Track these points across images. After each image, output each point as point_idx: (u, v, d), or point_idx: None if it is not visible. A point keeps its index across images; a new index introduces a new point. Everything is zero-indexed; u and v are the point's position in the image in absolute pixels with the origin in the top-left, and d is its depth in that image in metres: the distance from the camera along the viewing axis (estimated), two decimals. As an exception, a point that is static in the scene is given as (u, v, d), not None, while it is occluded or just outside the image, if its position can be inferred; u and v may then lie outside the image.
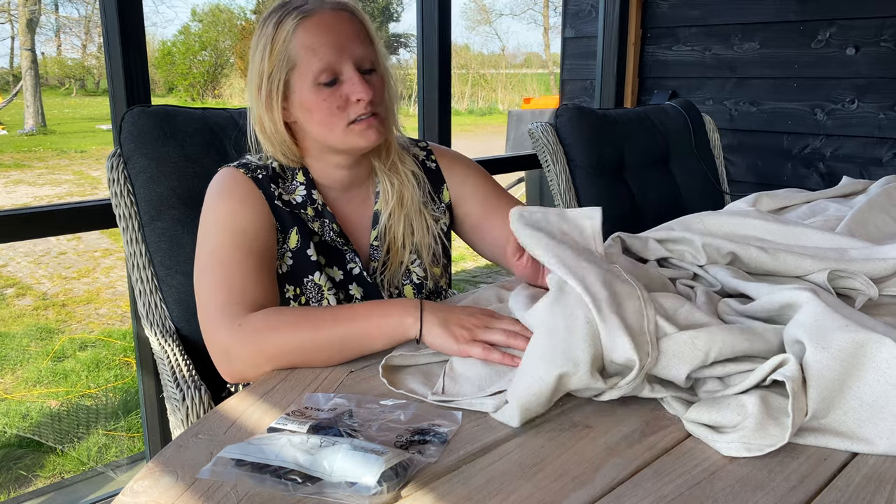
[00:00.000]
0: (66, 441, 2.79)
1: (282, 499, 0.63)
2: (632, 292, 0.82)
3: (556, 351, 0.75)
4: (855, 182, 1.75)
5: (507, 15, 36.21)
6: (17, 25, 16.55)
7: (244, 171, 1.13)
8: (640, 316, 0.80)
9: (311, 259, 1.13)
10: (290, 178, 1.16)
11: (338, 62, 1.07)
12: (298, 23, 1.07)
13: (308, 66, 1.07)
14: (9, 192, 8.46)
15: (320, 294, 1.13)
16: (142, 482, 0.67)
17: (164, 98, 19.13)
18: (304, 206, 1.15)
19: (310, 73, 1.07)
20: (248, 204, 1.09)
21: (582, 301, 0.79)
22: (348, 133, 1.10)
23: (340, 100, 1.08)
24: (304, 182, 1.16)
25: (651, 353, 0.77)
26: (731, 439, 0.71)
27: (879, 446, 0.71)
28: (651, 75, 3.13)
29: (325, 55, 1.07)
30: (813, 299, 0.84)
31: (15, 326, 4.23)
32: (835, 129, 2.70)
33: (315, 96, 1.08)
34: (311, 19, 1.07)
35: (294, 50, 1.07)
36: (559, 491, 0.65)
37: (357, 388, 0.86)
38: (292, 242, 1.12)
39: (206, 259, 1.05)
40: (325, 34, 1.07)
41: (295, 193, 1.15)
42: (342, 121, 1.09)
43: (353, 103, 1.08)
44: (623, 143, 2.14)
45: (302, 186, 1.16)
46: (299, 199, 1.15)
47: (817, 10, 2.67)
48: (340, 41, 1.07)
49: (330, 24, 1.08)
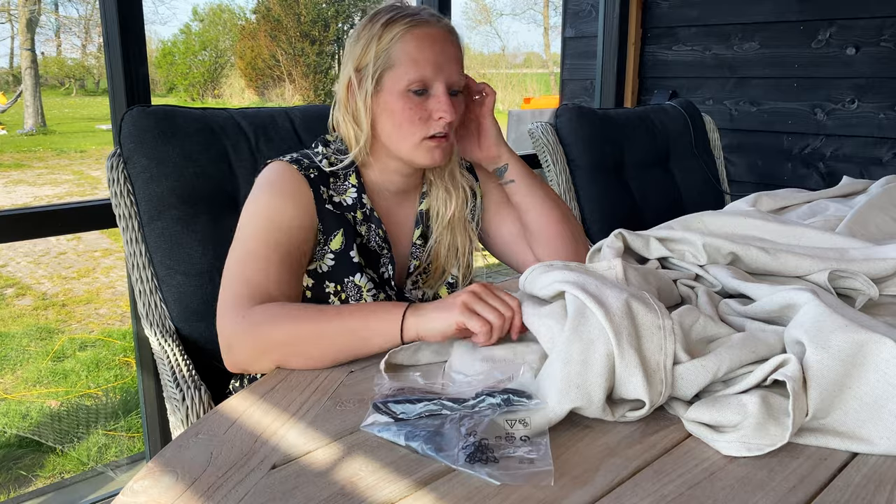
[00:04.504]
0: (66, 441, 2.79)
1: (283, 497, 0.64)
2: (654, 322, 0.80)
3: (572, 384, 0.74)
4: (855, 182, 1.76)
5: (508, 15, 36.24)
6: (17, 25, 16.55)
7: (297, 167, 1.13)
8: (659, 350, 0.78)
9: (354, 261, 1.14)
10: (343, 178, 1.18)
11: (433, 78, 1.11)
12: (408, 29, 1.10)
13: (405, 72, 1.10)
14: (9, 192, 8.46)
15: (359, 294, 1.15)
16: (142, 482, 0.67)
17: (164, 98, 19.13)
18: (353, 208, 1.16)
19: (405, 79, 1.10)
20: (292, 200, 1.10)
21: (603, 332, 0.77)
22: (419, 147, 1.13)
23: (424, 112, 1.12)
24: (356, 185, 1.18)
25: (664, 391, 0.76)
26: (731, 439, 0.71)
27: (880, 446, 0.71)
28: (651, 75, 3.13)
29: (425, 67, 1.10)
30: (812, 300, 0.84)
31: (15, 326, 4.23)
32: (835, 129, 2.70)
33: (402, 101, 1.11)
34: (420, 30, 1.11)
35: (396, 53, 1.10)
36: (559, 491, 0.65)
37: (357, 389, 0.86)
38: (335, 244, 1.14)
39: (237, 247, 1.08)
40: (429, 48, 1.11)
41: (346, 195, 1.17)
42: (419, 132, 1.12)
43: (434, 120, 1.12)
44: (623, 143, 2.14)
45: (353, 189, 1.18)
46: (349, 202, 1.17)
47: (817, 10, 2.67)
48: (441, 59, 1.11)
49: (436, 40, 1.12)
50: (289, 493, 0.65)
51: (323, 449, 0.72)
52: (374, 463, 0.69)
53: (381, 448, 0.72)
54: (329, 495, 0.64)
